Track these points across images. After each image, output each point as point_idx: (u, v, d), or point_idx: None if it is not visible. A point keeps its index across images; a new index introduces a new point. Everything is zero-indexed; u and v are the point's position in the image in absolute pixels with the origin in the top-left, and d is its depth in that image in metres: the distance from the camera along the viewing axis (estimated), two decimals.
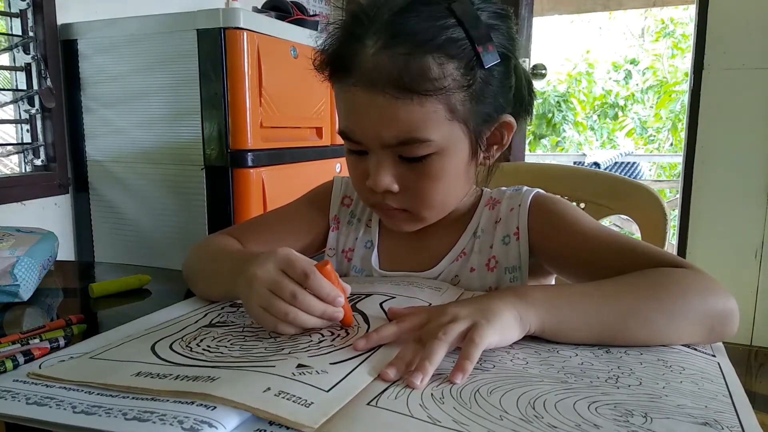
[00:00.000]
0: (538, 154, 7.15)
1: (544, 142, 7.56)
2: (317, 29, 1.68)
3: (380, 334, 0.51)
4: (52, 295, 0.78)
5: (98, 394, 0.42)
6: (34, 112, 1.48)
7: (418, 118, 0.60)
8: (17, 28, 1.44)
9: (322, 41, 0.65)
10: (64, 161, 1.52)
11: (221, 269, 0.65)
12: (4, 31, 1.46)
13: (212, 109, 1.36)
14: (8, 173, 1.51)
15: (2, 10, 1.44)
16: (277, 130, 1.48)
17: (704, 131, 2.31)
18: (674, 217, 2.58)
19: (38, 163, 1.50)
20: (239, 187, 1.38)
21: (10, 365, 0.48)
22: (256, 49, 1.36)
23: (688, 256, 2.37)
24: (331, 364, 0.46)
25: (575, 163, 5.44)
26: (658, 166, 6.51)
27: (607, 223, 0.73)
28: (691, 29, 2.91)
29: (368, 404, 0.41)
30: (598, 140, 7.55)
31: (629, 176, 2.52)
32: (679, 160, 3.95)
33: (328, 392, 0.42)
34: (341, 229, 0.81)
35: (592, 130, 7.62)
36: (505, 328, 0.51)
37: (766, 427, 0.58)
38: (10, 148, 1.48)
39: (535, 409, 0.41)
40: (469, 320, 0.50)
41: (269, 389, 0.41)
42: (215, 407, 0.39)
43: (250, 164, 1.38)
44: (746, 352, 2.29)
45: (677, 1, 5.88)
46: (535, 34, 2.57)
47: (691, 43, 2.44)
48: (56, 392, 0.42)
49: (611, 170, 5.35)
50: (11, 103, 1.47)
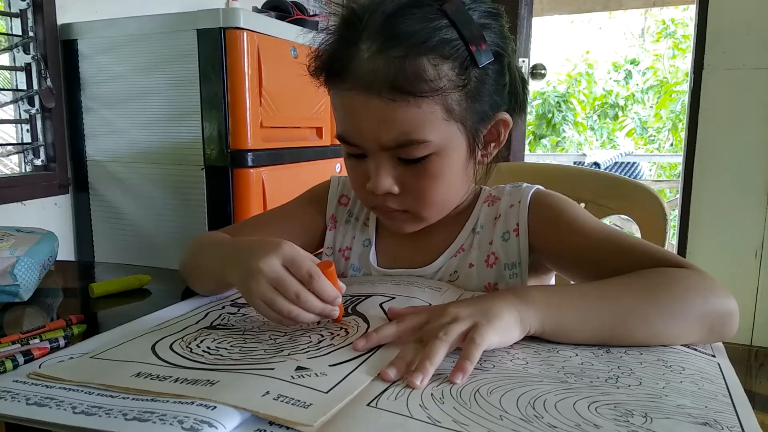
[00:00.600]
0: (538, 154, 7.15)
1: (544, 142, 7.56)
2: (317, 29, 1.68)
3: (380, 334, 0.51)
4: (52, 295, 0.78)
5: (98, 394, 0.42)
6: (34, 112, 1.48)
7: (415, 119, 0.60)
8: (17, 28, 1.44)
9: (316, 47, 0.65)
10: (64, 161, 1.52)
11: (212, 260, 0.66)
12: (4, 31, 1.46)
13: (212, 109, 1.36)
14: (8, 173, 1.51)
15: (2, 10, 1.43)
16: (277, 130, 1.48)
17: (704, 131, 2.31)
18: (674, 217, 2.58)
19: (38, 163, 1.50)
20: (239, 187, 1.38)
21: (10, 365, 0.48)
22: (256, 49, 1.36)
23: (688, 256, 2.37)
24: (330, 365, 0.46)
25: (575, 163, 5.44)
26: (658, 166, 6.51)
27: (607, 222, 0.73)
28: (691, 30, 2.91)
29: (368, 405, 0.41)
30: (598, 140, 7.55)
31: (629, 176, 2.52)
32: (679, 160, 3.95)
33: (327, 393, 0.42)
34: (338, 228, 0.81)
35: (592, 130, 7.63)
36: (505, 328, 0.51)
37: (766, 427, 0.59)
38: (10, 148, 1.48)
39: (535, 409, 0.41)
40: (469, 320, 0.50)
41: (268, 393, 0.41)
42: (215, 407, 0.39)
43: (250, 164, 1.38)
44: (746, 352, 2.29)
45: (677, 1, 5.88)
46: (535, 34, 2.57)
47: (691, 43, 2.44)
48: (56, 392, 0.42)
49: (611, 170, 5.35)
50: (11, 103, 1.47)
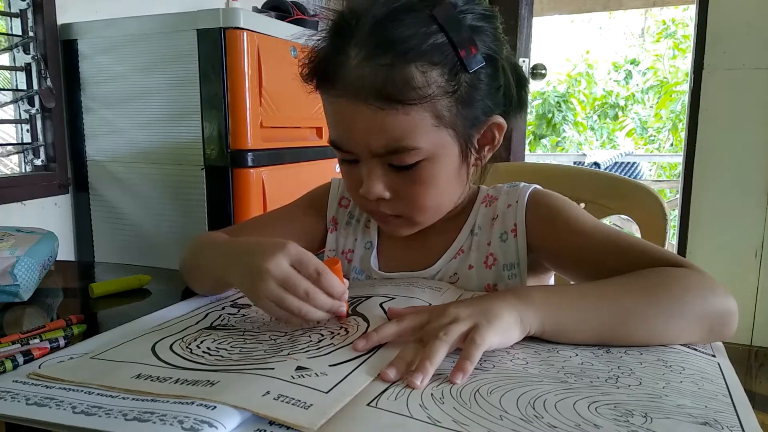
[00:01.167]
0: (538, 154, 7.14)
1: (544, 142, 7.56)
2: (317, 29, 1.67)
3: (380, 334, 0.51)
4: (52, 295, 0.78)
5: (98, 394, 0.42)
6: (34, 112, 1.48)
7: (404, 127, 0.59)
8: (17, 28, 1.44)
9: (306, 53, 0.65)
10: (64, 161, 1.52)
11: (212, 260, 0.66)
12: (4, 31, 1.46)
13: (212, 109, 1.36)
14: (8, 173, 1.51)
15: (2, 10, 1.43)
16: (277, 130, 1.48)
17: (704, 131, 2.31)
18: (674, 217, 2.58)
19: (38, 163, 1.50)
20: (239, 187, 1.38)
21: (9, 365, 0.48)
22: (256, 49, 1.36)
23: (688, 256, 2.36)
24: (330, 365, 0.46)
25: (575, 163, 5.44)
26: (658, 166, 6.51)
27: (607, 222, 0.73)
28: (691, 30, 2.91)
29: (368, 405, 0.41)
30: (598, 140, 7.55)
31: (629, 176, 2.52)
32: (679, 160, 3.95)
33: (327, 393, 0.42)
34: (339, 230, 0.81)
35: (592, 130, 7.63)
36: (505, 329, 0.51)
37: (766, 427, 0.58)
38: (10, 148, 1.48)
39: (535, 409, 0.41)
40: (470, 321, 0.50)
41: (268, 393, 0.41)
42: (215, 407, 0.39)
43: (250, 164, 1.38)
44: (746, 352, 2.29)
45: (677, 1, 5.88)
46: (535, 34, 2.57)
47: (691, 43, 2.44)
48: (56, 393, 0.42)
49: (611, 170, 5.35)
50: (11, 103, 1.47)
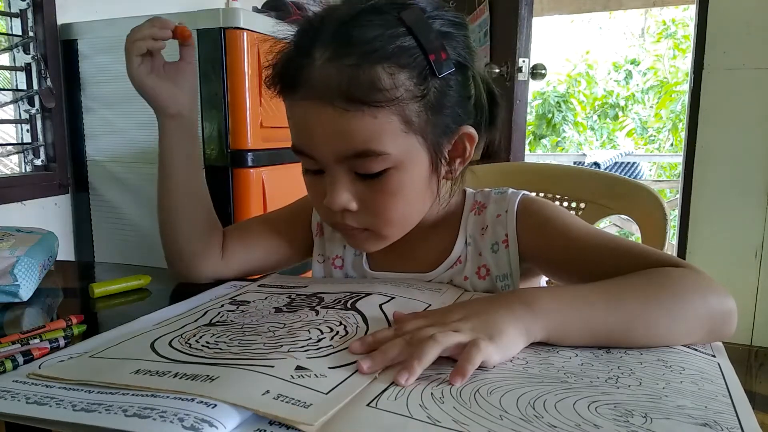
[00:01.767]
0: (538, 154, 7.15)
1: (544, 142, 7.56)
2: None
3: (376, 337, 0.51)
4: (52, 295, 0.78)
5: (98, 392, 0.42)
6: (34, 112, 1.48)
7: (371, 129, 0.58)
8: (17, 28, 1.44)
9: (271, 57, 0.63)
10: (64, 161, 1.52)
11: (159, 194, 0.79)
12: (4, 31, 1.46)
13: (212, 109, 1.36)
14: (8, 173, 1.51)
15: (2, 10, 1.44)
16: (277, 130, 1.48)
17: (704, 131, 2.31)
18: (674, 217, 2.58)
19: (38, 163, 1.50)
20: (239, 187, 1.38)
21: (9, 365, 0.48)
22: (256, 49, 1.36)
23: (688, 256, 2.37)
24: (330, 368, 0.46)
25: (575, 163, 5.45)
26: (658, 166, 6.51)
27: (607, 223, 0.72)
28: (691, 30, 2.91)
29: (368, 405, 0.41)
30: (598, 140, 7.55)
31: (629, 176, 2.52)
32: (679, 160, 3.95)
33: (327, 395, 0.42)
34: (326, 235, 0.79)
35: (592, 130, 7.63)
36: (507, 347, 0.49)
37: (766, 427, 0.58)
38: (10, 148, 1.48)
39: (535, 409, 0.41)
40: (470, 335, 0.49)
41: (268, 392, 0.41)
42: (215, 405, 0.39)
43: (250, 164, 1.38)
44: (746, 352, 2.29)
45: (677, 1, 5.88)
46: (535, 34, 2.57)
47: (691, 43, 2.44)
48: (56, 392, 0.42)
49: (611, 170, 5.35)
50: (11, 103, 1.47)
